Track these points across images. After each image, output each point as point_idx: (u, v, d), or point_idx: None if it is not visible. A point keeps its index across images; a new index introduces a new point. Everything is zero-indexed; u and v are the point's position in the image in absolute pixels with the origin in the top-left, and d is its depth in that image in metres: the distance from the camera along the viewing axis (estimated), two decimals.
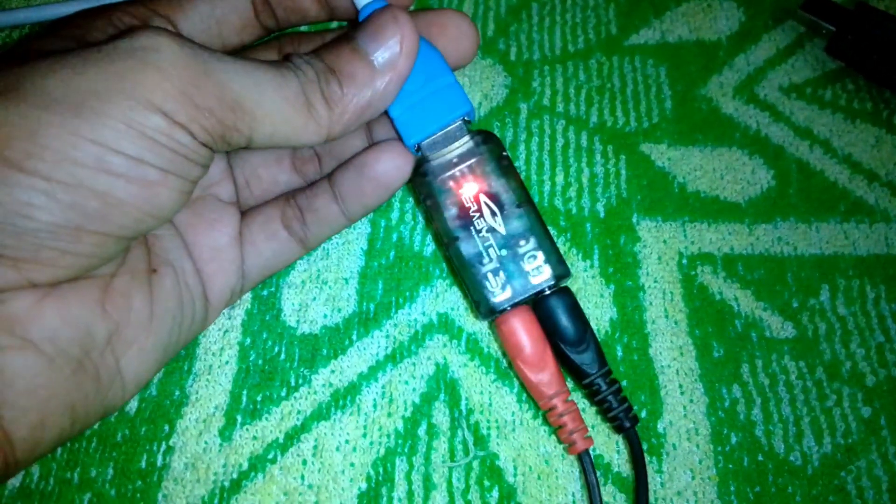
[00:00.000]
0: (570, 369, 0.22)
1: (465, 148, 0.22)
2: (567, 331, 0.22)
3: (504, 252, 0.22)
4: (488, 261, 0.22)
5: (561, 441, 0.23)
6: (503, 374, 0.25)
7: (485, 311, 0.22)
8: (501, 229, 0.22)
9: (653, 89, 0.31)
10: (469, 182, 0.22)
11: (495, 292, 0.21)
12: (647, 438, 0.24)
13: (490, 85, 0.31)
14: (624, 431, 0.22)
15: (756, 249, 0.27)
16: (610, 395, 0.22)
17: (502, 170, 0.22)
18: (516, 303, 0.22)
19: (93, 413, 0.19)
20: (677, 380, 0.25)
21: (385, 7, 0.20)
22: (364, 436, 0.23)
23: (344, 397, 0.24)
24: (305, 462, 0.23)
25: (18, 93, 0.16)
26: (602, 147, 0.29)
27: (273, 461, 0.23)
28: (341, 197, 0.23)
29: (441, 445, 0.23)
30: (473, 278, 0.22)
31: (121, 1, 0.21)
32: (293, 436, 0.23)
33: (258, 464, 0.23)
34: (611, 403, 0.22)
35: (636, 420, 0.22)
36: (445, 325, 0.25)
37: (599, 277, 0.26)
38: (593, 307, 0.26)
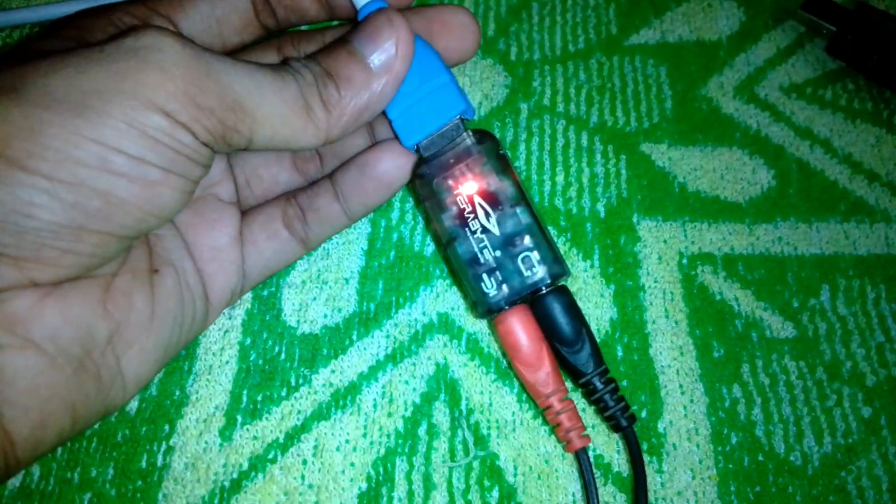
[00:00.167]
0: (567, 368, 0.22)
1: (463, 147, 0.22)
2: (562, 330, 0.22)
3: (500, 252, 0.22)
4: (484, 261, 0.22)
5: (558, 439, 0.23)
6: (503, 374, 0.25)
7: (482, 311, 0.22)
8: (496, 229, 0.22)
9: (653, 89, 0.31)
10: (465, 182, 0.22)
11: (491, 292, 0.22)
12: (648, 438, 0.24)
13: (490, 85, 0.31)
14: (621, 430, 0.22)
15: (756, 249, 0.27)
16: (606, 395, 0.22)
17: (499, 169, 0.22)
18: (513, 302, 0.22)
19: (94, 412, 0.19)
20: (677, 380, 0.25)
21: (382, 9, 0.20)
22: (364, 436, 0.23)
23: (344, 397, 0.24)
24: (306, 462, 0.23)
25: (20, 92, 0.16)
26: (602, 147, 0.29)
27: (273, 461, 0.23)
28: (343, 196, 0.23)
29: (441, 445, 0.23)
30: (470, 278, 0.22)
31: (121, 1, 0.21)
32: (293, 436, 0.23)
33: (258, 464, 0.23)
34: (607, 403, 0.22)
35: (633, 419, 0.22)
36: (446, 325, 0.25)
37: (600, 277, 0.26)
38: (593, 307, 0.26)
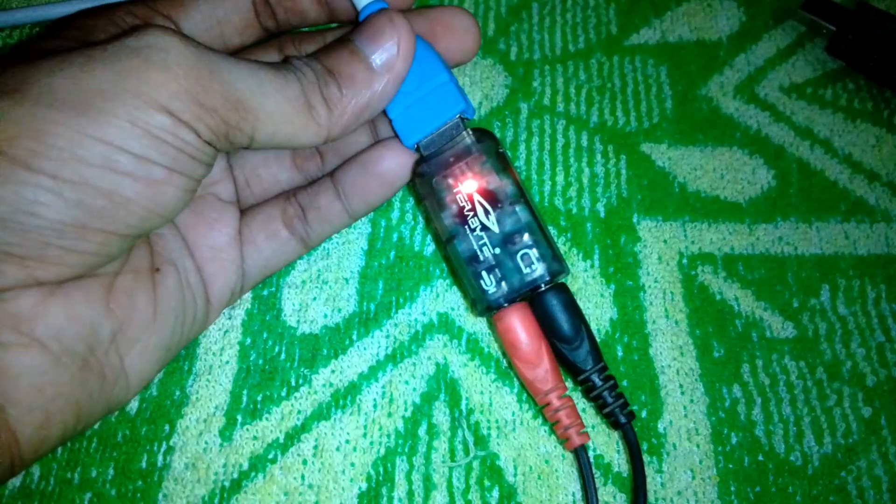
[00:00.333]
0: (566, 365, 0.22)
1: (462, 146, 0.22)
2: (561, 327, 0.22)
3: (499, 249, 0.22)
4: (483, 258, 0.22)
5: (557, 437, 0.23)
6: (503, 374, 0.25)
7: (481, 308, 0.22)
8: (495, 227, 0.22)
9: (653, 89, 0.31)
10: (465, 180, 0.22)
11: (490, 289, 0.22)
12: (648, 438, 0.24)
13: (490, 85, 0.31)
14: (620, 427, 0.22)
15: (756, 249, 0.27)
16: (605, 392, 0.22)
17: (499, 167, 0.22)
18: (512, 299, 0.22)
19: (97, 411, 0.19)
20: (678, 380, 0.25)
21: (383, 9, 0.20)
22: (364, 436, 0.23)
23: (344, 397, 0.24)
24: (306, 462, 0.23)
25: (24, 92, 0.16)
26: (602, 147, 0.29)
27: (273, 461, 0.23)
28: (344, 194, 0.23)
29: (441, 445, 0.23)
30: (470, 276, 0.22)
31: (122, 1, 0.21)
32: (293, 436, 0.23)
33: (258, 464, 0.23)
34: (606, 399, 0.22)
35: (632, 416, 0.22)
36: (446, 325, 0.25)
37: (600, 277, 0.26)
38: (594, 307, 0.26)
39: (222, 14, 0.22)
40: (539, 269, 0.21)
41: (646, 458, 0.23)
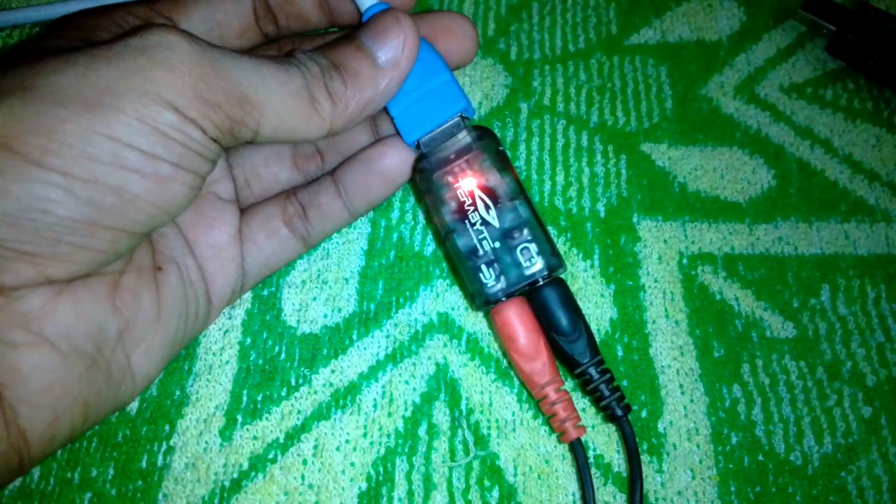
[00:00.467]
0: (563, 359, 0.22)
1: (463, 143, 0.23)
2: (559, 320, 0.22)
3: (498, 244, 0.22)
4: (483, 253, 0.22)
5: (553, 430, 0.23)
6: (503, 374, 0.25)
7: (480, 302, 0.22)
8: (496, 222, 0.22)
9: (653, 89, 0.31)
10: (465, 177, 0.23)
11: (490, 283, 0.22)
12: (648, 438, 0.24)
13: (490, 85, 0.31)
14: (616, 420, 0.22)
15: (756, 249, 0.27)
16: (602, 385, 0.22)
17: (498, 164, 0.23)
18: (511, 293, 0.22)
19: (104, 409, 0.19)
20: (678, 380, 0.25)
21: (389, 9, 0.21)
22: (364, 435, 0.23)
23: (344, 397, 0.24)
24: (306, 462, 0.23)
25: (31, 90, 0.16)
26: (602, 147, 0.29)
27: (273, 461, 0.23)
28: (345, 191, 0.24)
29: (441, 445, 0.23)
30: (469, 270, 0.22)
31: (123, 1, 0.21)
32: (293, 435, 0.23)
33: (258, 463, 0.23)
34: (602, 392, 0.22)
35: (629, 409, 0.22)
36: (446, 325, 0.25)
37: (600, 277, 0.26)
38: (594, 307, 0.26)
39: (222, 17, 0.22)
40: (538, 264, 0.22)
41: (646, 458, 0.23)
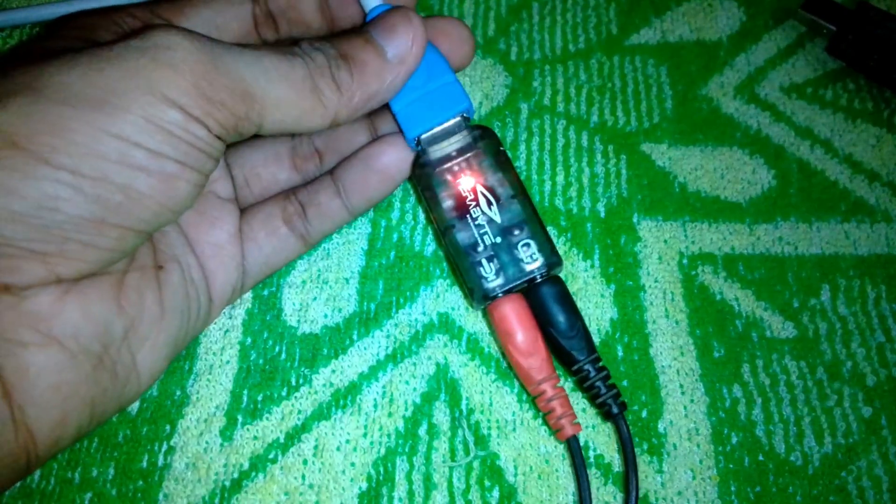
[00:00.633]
0: (560, 356, 0.23)
1: (464, 142, 0.23)
2: (557, 317, 0.22)
3: (498, 240, 0.22)
4: (483, 248, 0.22)
5: (550, 427, 0.23)
6: (504, 374, 0.25)
7: (478, 298, 0.22)
8: (497, 218, 0.22)
9: (653, 89, 0.31)
10: (466, 174, 0.23)
11: (489, 278, 0.22)
12: (648, 438, 0.24)
13: (491, 85, 0.31)
14: (612, 418, 0.22)
15: (757, 249, 0.27)
16: (598, 381, 0.22)
17: (498, 163, 0.23)
18: (509, 289, 0.22)
19: (110, 409, 0.19)
20: (678, 380, 0.25)
21: (399, 7, 0.21)
22: (365, 435, 0.23)
23: (344, 397, 0.24)
24: (306, 462, 0.23)
25: (38, 89, 0.16)
26: (602, 147, 0.29)
27: (274, 461, 0.23)
28: (344, 190, 0.24)
29: (442, 445, 0.23)
30: (468, 265, 0.22)
31: (123, 3, 0.21)
32: (294, 435, 0.23)
33: (259, 463, 0.23)
34: (599, 389, 0.22)
35: (624, 406, 0.22)
36: (446, 325, 0.25)
37: (600, 277, 0.26)
38: (594, 307, 0.26)
39: (221, 21, 0.22)
40: (538, 261, 0.22)
41: (646, 459, 0.23)
